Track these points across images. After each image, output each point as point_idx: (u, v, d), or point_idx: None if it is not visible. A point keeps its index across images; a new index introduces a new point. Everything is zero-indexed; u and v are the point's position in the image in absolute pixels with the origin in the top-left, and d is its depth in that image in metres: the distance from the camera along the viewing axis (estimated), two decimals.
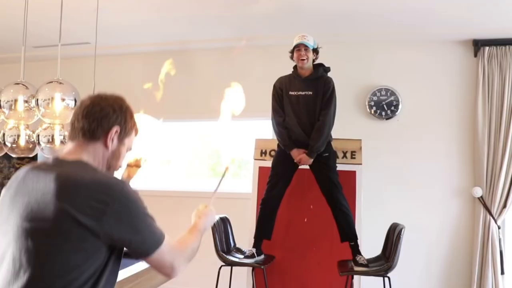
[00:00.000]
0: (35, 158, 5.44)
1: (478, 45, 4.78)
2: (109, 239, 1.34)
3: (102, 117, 1.47)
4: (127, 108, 1.55)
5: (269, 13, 4.42)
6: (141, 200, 1.42)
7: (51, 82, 3.18)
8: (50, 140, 3.40)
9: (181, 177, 5.77)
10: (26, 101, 3.24)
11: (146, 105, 6.18)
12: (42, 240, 1.30)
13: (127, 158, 1.79)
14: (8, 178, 5.76)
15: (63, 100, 3.13)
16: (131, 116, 1.56)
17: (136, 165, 1.87)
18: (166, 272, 1.49)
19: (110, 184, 1.37)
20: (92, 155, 1.48)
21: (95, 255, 1.34)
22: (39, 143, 3.45)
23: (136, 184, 1.72)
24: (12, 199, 1.39)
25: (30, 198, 1.35)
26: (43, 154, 3.66)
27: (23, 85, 3.30)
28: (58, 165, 1.43)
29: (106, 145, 1.49)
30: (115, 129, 1.49)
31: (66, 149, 1.50)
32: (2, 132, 3.57)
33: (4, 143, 3.57)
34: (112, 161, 1.53)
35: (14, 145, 3.56)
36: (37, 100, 3.13)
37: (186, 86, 5.43)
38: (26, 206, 1.34)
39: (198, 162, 5.75)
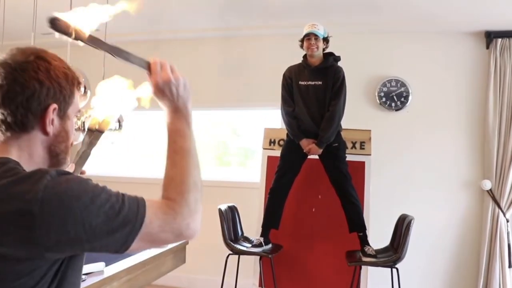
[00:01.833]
0: None
1: (490, 36, 4.72)
2: (54, 257, 0.96)
3: (28, 99, 1.02)
4: (56, 67, 1.08)
5: (280, 2, 4.39)
6: (87, 184, 0.97)
7: None
8: None
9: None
10: None
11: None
12: None
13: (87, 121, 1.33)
14: None
15: None
16: (65, 76, 1.10)
17: (99, 129, 1.31)
18: (176, 241, 1.07)
19: (24, 184, 0.93)
20: (27, 151, 1.06)
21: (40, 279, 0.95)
22: None
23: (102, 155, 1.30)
24: None
25: None
26: None
27: None
28: None
29: (45, 132, 1.06)
30: (52, 107, 1.06)
31: None
32: None
33: None
34: (59, 146, 1.10)
35: None
36: None
37: (193, 74, 5.41)
38: None
39: (204, 151, 5.75)
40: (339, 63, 3.93)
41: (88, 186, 0.96)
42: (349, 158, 3.98)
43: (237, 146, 5.81)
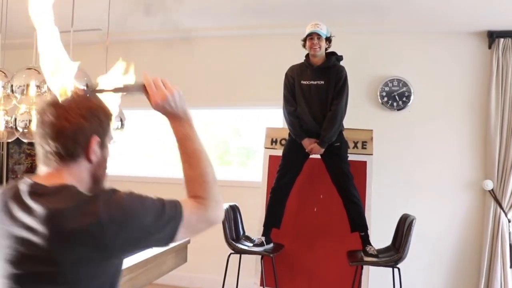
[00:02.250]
0: None
1: (492, 36, 4.71)
2: (119, 255, 1.22)
3: (76, 133, 1.21)
4: (97, 106, 1.28)
5: (282, 1, 4.39)
6: (135, 195, 1.22)
7: None
8: None
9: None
10: (38, 86, 3.24)
11: None
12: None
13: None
14: (19, 164, 5.80)
15: None
16: (104, 111, 1.29)
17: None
18: (209, 228, 1.31)
19: (93, 204, 1.16)
20: (77, 177, 1.24)
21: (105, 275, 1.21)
22: None
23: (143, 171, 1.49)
24: None
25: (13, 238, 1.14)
26: None
27: (35, 70, 3.29)
28: (40, 194, 1.18)
29: (89, 160, 1.25)
30: (95, 139, 1.25)
31: (42, 173, 1.27)
32: (13, 117, 3.58)
33: (16, 128, 3.58)
34: (100, 171, 1.30)
35: (25, 130, 3.56)
36: None
37: (195, 73, 5.42)
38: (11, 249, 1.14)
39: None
40: (341, 63, 3.93)
41: (138, 197, 1.21)
42: (351, 157, 3.98)
43: (239, 145, 5.81)
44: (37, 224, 1.11)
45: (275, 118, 5.03)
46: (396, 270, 3.55)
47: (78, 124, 1.21)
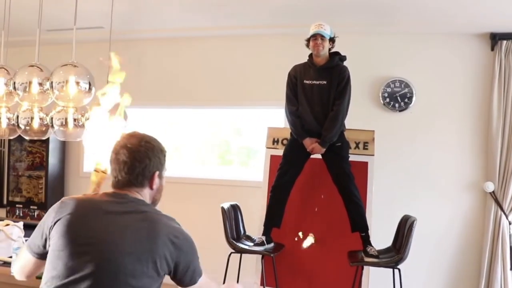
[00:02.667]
0: (47, 141, 5.48)
1: (495, 38, 4.71)
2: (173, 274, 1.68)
3: (144, 169, 1.67)
4: (158, 147, 1.73)
5: (285, 1, 4.38)
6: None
7: (66, 65, 3.17)
8: (64, 123, 3.40)
9: (189, 164, 5.76)
10: (40, 84, 3.24)
11: (158, 91, 6.21)
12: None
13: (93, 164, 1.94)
14: (20, 161, 5.80)
15: (77, 83, 3.12)
16: (162, 152, 1.74)
17: (104, 171, 1.92)
18: None
19: (173, 222, 1.69)
20: (143, 197, 1.70)
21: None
22: (52, 125, 3.46)
23: None
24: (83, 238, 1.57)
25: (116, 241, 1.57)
26: (56, 137, 3.67)
27: (37, 67, 3.30)
28: (130, 204, 1.66)
29: (151, 188, 1.72)
30: (156, 173, 1.71)
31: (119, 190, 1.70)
32: (16, 114, 3.58)
33: (18, 125, 3.58)
34: (157, 196, 1.77)
35: (27, 128, 3.57)
36: (52, 82, 3.13)
37: (196, 73, 5.43)
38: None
39: (206, 149, 5.74)
40: (344, 63, 3.92)
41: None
42: (352, 158, 3.98)
43: (240, 145, 5.81)
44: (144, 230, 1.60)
45: (277, 118, 5.03)
46: (396, 271, 3.55)
47: (146, 163, 1.67)
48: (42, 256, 1.65)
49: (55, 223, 1.59)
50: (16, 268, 1.78)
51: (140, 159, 1.66)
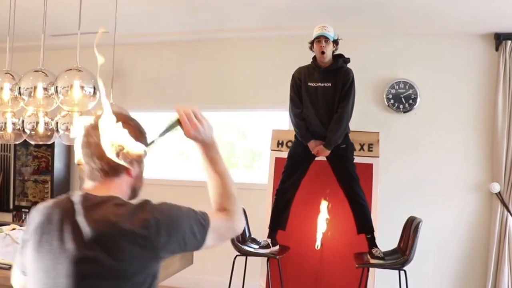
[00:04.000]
0: (52, 145, 5.50)
1: (500, 38, 4.69)
2: (164, 255, 1.40)
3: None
4: (133, 127, 1.43)
5: (289, 4, 4.39)
6: (173, 204, 1.43)
7: (71, 69, 3.20)
8: (69, 127, 3.43)
9: (194, 167, 5.77)
10: (45, 89, 3.26)
11: (162, 95, 6.22)
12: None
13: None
14: (26, 166, 5.83)
15: (82, 87, 3.14)
16: (140, 133, 1.46)
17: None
18: (233, 236, 1.66)
19: (142, 211, 1.36)
20: (119, 189, 1.43)
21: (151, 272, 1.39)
22: (57, 130, 3.49)
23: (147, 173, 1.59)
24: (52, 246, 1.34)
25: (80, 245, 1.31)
26: (61, 141, 3.69)
27: (42, 72, 3.32)
28: (91, 203, 1.37)
29: (129, 175, 1.44)
30: None
31: (89, 186, 1.44)
32: (21, 119, 3.60)
33: (23, 130, 3.60)
34: (137, 184, 1.49)
35: (33, 132, 3.60)
36: (56, 87, 3.15)
37: (201, 75, 5.43)
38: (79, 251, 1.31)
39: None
40: (348, 65, 3.93)
41: (175, 205, 1.42)
42: (357, 160, 3.97)
43: (244, 147, 5.81)
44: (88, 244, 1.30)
45: (282, 120, 5.04)
46: (402, 272, 3.54)
47: None
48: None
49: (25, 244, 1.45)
50: None
51: None
